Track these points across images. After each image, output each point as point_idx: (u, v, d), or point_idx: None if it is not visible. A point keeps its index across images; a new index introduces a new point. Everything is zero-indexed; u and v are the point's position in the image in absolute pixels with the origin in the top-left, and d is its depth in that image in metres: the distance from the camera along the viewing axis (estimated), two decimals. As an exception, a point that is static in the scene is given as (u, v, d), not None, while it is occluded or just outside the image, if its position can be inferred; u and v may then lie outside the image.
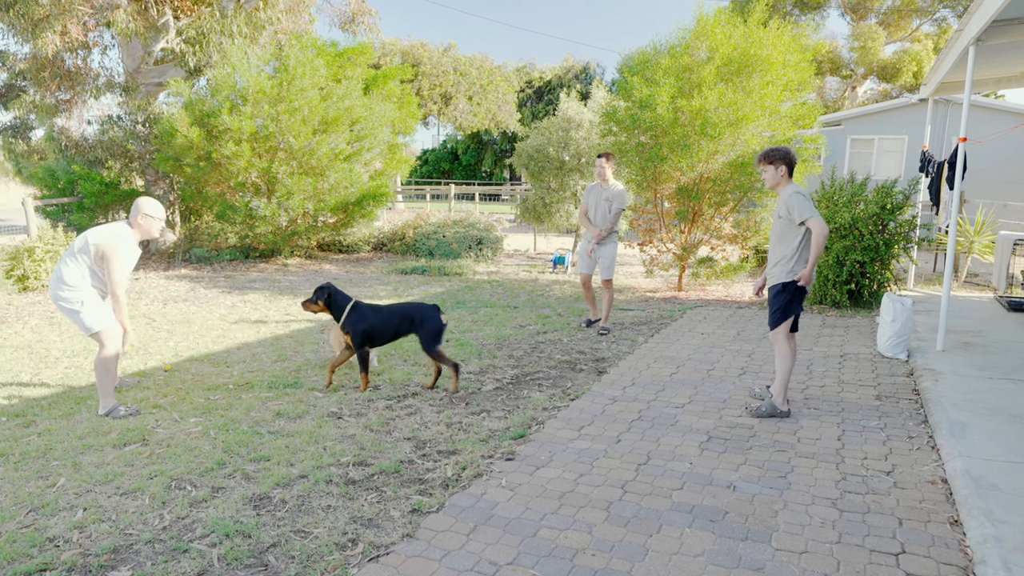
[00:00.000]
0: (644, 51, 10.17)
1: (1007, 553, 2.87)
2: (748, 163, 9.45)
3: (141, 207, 4.92)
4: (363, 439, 4.34)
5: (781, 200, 4.78)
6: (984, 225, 11.27)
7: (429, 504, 3.48)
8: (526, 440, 4.36)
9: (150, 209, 4.95)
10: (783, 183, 4.81)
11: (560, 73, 43.46)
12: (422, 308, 5.41)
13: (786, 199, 4.71)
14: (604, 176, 7.50)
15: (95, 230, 4.88)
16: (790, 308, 4.79)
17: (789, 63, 9.52)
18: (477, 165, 49.10)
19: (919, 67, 28.55)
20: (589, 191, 7.64)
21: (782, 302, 4.79)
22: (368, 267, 12.96)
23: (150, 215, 4.94)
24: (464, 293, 10.05)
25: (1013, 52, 7.28)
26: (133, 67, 13.93)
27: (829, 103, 31.95)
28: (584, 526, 3.27)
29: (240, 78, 11.76)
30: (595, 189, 7.59)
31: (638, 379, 5.72)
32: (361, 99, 12.94)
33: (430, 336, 5.28)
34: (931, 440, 4.38)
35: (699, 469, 3.93)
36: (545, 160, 13.75)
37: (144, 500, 3.51)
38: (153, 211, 4.96)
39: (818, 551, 3.06)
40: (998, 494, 3.42)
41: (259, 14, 13.68)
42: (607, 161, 7.50)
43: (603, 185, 7.54)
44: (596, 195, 7.55)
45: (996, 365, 5.83)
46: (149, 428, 4.50)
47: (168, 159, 12.19)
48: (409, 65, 17.76)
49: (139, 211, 4.91)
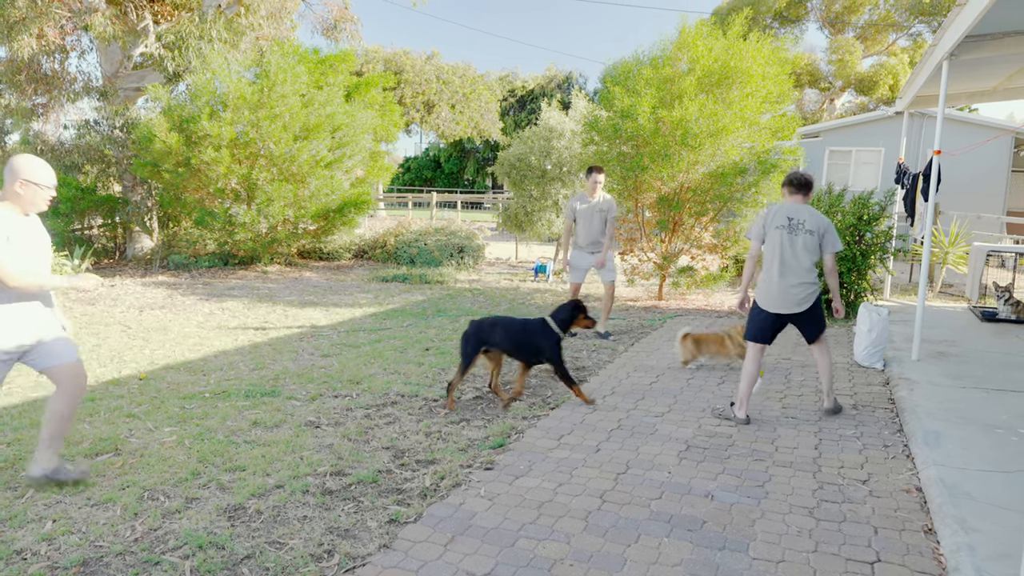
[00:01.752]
0: (627, 62, 10.25)
1: (980, 561, 2.90)
2: (728, 173, 9.53)
3: (18, 170, 3.53)
4: (341, 448, 4.30)
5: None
6: (958, 236, 11.45)
7: (407, 514, 3.45)
8: (505, 449, 4.34)
9: (30, 171, 3.54)
10: (785, 201, 5.06)
11: (543, 82, 43.66)
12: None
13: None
14: (596, 190, 7.53)
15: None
16: (751, 318, 5.03)
17: (768, 75, 9.63)
18: (459, 173, 49.12)
19: (895, 80, 29.04)
20: (577, 205, 7.60)
21: (750, 312, 5.08)
22: (349, 275, 12.89)
23: (32, 180, 3.55)
24: (445, 301, 10.03)
25: (985, 67, 7.42)
26: (111, 71, 13.79)
27: (808, 115, 32.37)
28: (562, 536, 3.26)
29: (220, 84, 11.69)
30: (583, 201, 7.59)
31: (618, 388, 5.73)
32: (343, 106, 12.90)
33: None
34: (906, 449, 4.43)
35: (678, 478, 3.94)
36: (527, 169, 13.78)
37: (115, 511, 3.45)
38: (35, 174, 3.56)
39: (795, 560, 3.07)
40: (971, 503, 3.46)
41: (240, 20, 13.60)
42: (601, 174, 7.55)
43: (591, 197, 7.56)
44: (587, 207, 7.55)
45: (970, 375, 5.91)
46: (122, 437, 4.43)
47: (146, 165, 12.07)
48: (391, 73, 17.75)
49: (16, 176, 3.52)
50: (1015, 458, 4.05)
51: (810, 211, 4.88)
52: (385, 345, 7.13)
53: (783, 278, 4.83)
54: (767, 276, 4.91)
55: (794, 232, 4.83)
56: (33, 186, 3.55)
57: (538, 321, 5.32)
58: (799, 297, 4.82)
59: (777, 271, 4.84)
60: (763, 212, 4.94)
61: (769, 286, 4.88)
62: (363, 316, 8.79)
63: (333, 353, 6.77)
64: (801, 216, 4.85)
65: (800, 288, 4.82)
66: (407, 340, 7.37)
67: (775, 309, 4.86)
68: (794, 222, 4.85)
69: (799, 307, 4.83)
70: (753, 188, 9.80)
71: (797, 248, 4.81)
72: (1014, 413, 4.89)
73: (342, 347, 7.03)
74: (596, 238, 7.59)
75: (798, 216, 4.85)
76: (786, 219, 4.86)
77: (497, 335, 5.21)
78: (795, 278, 4.81)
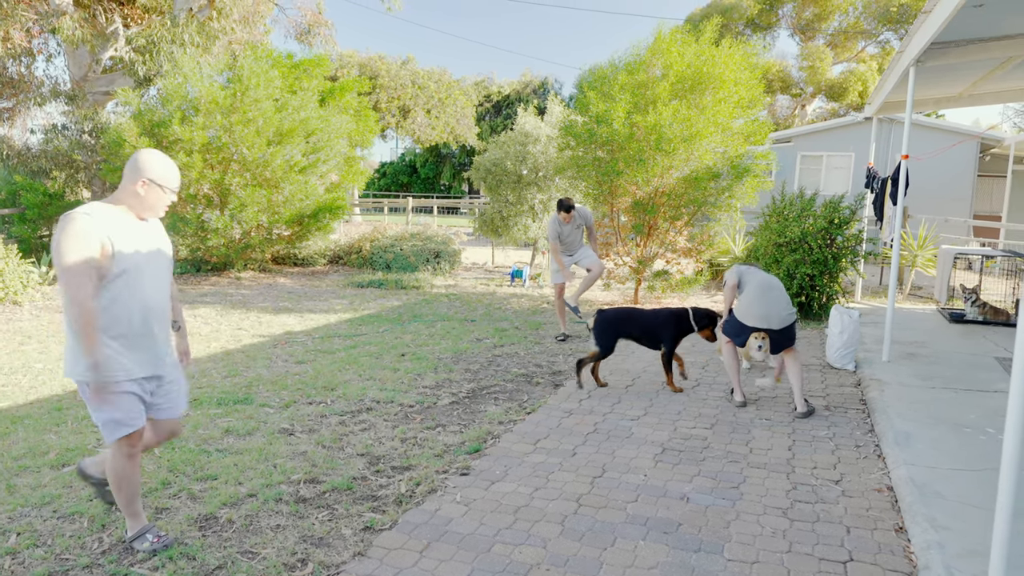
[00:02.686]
0: (602, 67, 10.31)
1: (950, 559, 2.94)
2: (702, 178, 9.62)
3: (143, 167, 2.99)
4: (315, 456, 4.25)
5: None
6: (927, 239, 11.66)
7: (382, 521, 3.42)
8: (481, 454, 4.32)
9: (158, 171, 3.01)
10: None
11: (518, 88, 43.79)
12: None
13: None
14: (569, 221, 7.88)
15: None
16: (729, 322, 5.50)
17: (740, 81, 9.74)
18: (436, 178, 49.04)
19: (864, 87, 29.56)
20: (558, 227, 7.87)
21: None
22: (324, 280, 12.79)
23: (157, 182, 3.01)
24: (421, 307, 9.98)
25: (951, 73, 7.58)
26: (80, 75, 13.56)
27: (780, 120, 32.83)
28: (538, 541, 3.25)
29: (192, 88, 11.54)
30: (562, 225, 7.88)
31: (594, 391, 5.74)
32: (317, 111, 12.81)
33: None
34: (877, 449, 4.49)
35: (653, 481, 3.95)
36: (503, 174, 13.79)
37: (83, 523, 3.37)
38: (162, 175, 3.03)
39: (769, 561, 3.09)
40: (941, 501, 3.51)
41: (212, 24, 13.47)
42: (573, 210, 7.80)
43: (566, 220, 7.84)
44: (569, 227, 7.92)
45: (939, 375, 6.01)
46: (90, 447, 4.34)
47: (116, 170, 11.86)
48: (366, 78, 17.67)
49: (139, 173, 2.98)
50: (983, 457, 4.12)
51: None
52: (360, 351, 7.07)
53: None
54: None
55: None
56: (157, 188, 3.04)
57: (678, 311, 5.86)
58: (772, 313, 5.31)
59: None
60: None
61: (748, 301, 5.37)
62: (338, 322, 8.72)
63: (308, 359, 6.70)
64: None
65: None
66: (383, 346, 7.32)
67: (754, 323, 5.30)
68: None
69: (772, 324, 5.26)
70: (726, 192, 9.90)
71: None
72: (982, 412, 4.97)
73: (317, 353, 6.96)
74: (577, 243, 8.08)
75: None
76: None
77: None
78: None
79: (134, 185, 3.00)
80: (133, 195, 3.02)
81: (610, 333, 5.76)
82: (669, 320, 5.76)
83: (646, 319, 5.86)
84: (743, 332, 5.36)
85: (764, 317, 5.20)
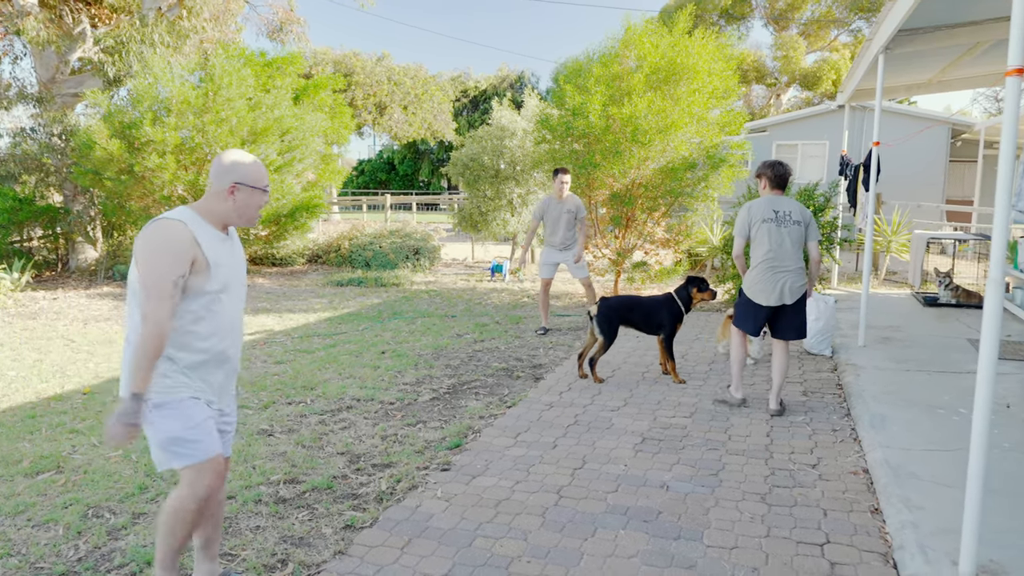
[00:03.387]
0: (577, 60, 10.31)
1: (923, 537, 2.99)
2: (678, 169, 9.66)
3: (232, 168, 2.57)
4: (294, 456, 4.22)
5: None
6: (900, 225, 11.81)
7: (362, 519, 3.41)
8: (462, 449, 4.32)
9: (251, 173, 2.60)
10: (763, 194, 5.01)
11: (495, 82, 43.69)
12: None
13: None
14: (563, 191, 7.63)
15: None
16: (740, 308, 5.08)
17: (714, 71, 9.78)
18: (414, 175, 48.85)
19: (838, 75, 29.82)
20: (544, 206, 7.75)
21: (737, 301, 5.17)
22: (303, 280, 12.70)
23: (250, 184, 2.59)
24: (401, 303, 9.95)
25: (920, 60, 7.67)
26: (47, 77, 13.32)
27: (756, 110, 33.05)
28: (520, 533, 3.25)
29: (163, 88, 11.38)
30: (551, 204, 7.73)
31: (574, 384, 5.76)
32: (291, 109, 12.68)
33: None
34: (854, 432, 4.55)
35: (633, 471, 3.97)
36: (480, 169, 13.76)
37: (58, 531, 3.33)
38: (255, 176, 2.61)
39: (748, 546, 3.12)
40: (916, 481, 3.56)
41: (183, 22, 13.28)
42: (567, 175, 7.66)
43: (559, 199, 7.66)
44: (555, 209, 7.70)
45: (913, 358, 6.10)
46: (64, 454, 4.28)
47: (87, 173, 11.69)
48: (341, 75, 17.55)
49: (229, 175, 2.56)
50: (956, 437, 4.19)
51: (793, 202, 4.89)
52: (340, 350, 7.04)
53: (775, 272, 4.79)
54: (756, 269, 4.87)
55: (782, 224, 4.80)
56: (248, 190, 2.59)
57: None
58: (792, 288, 4.81)
59: (768, 264, 4.80)
60: (744, 209, 4.92)
61: (761, 279, 4.84)
62: (317, 321, 8.67)
63: (287, 359, 6.65)
64: (786, 207, 4.84)
65: (792, 279, 4.81)
66: (363, 344, 7.29)
67: (765, 302, 4.84)
68: (780, 214, 4.81)
69: (791, 298, 4.82)
70: (703, 183, 9.95)
71: (786, 240, 4.79)
72: (955, 394, 5.06)
73: (296, 353, 6.92)
74: (566, 237, 7.77)
75: (783, 208, 4.83)
76: (772, 211, 4.82)
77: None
78: (786, 270, 4.79)
79: (224, 190, 2.56)
80: (222, 202, 2.57)
81: (614, 321, 5.82)
82: (664, 304, 5.87)
83: (644, 305, 5.93)
84: (755, 315, 4.95)
85: (773, 291, 4.81)
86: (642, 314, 5.89)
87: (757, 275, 4.86)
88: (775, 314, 4.94)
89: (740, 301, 5.06)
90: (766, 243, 4.81)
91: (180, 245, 2.44)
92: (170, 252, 2.42)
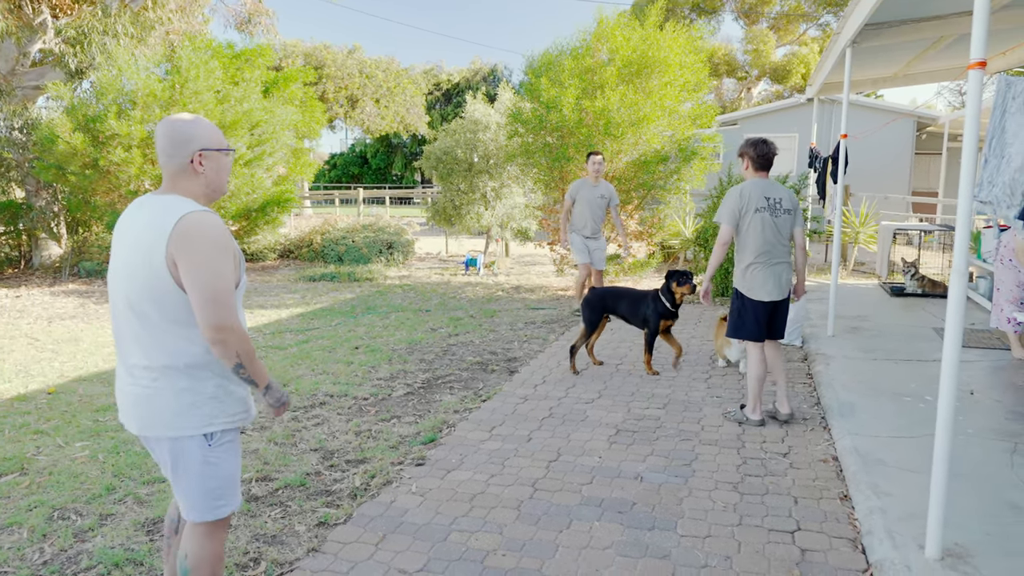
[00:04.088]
0: (548, 53, 10.30)
1: (891, 523, 3.04)
2: (650, 162, 9.71)
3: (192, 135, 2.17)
4: (266, 453, 4.17)
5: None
6: (868, 217, 12.00)
7: (336, 516, 3.38)
8: (437, 444, 4.31)
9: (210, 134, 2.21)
10: (747, 177, 4.55)
11: (468, 75, 43.50)
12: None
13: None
14: (599, 173, 7.58)
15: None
16: (742, 315, 4.53)
17: (686, 64, 9.85)
18: (387, 169, 48.47)
19: (807, 69, 30.18)
20: (578, 188, 7.64)
21: (733, 308, 4.61)
22: (274, 275, 12.55)
23: (214, 147, 2.21)
24: (375, 298, 9.88)
25: (886, 54, 7.78)
26: (7, 69, 12.96)
27: (727, 103, 33.32)
28: (495, 527, 3.25)
29: (128, 81, 11.14)
30: (585, 186, 7.62)
31: (549, 377, 5.77)
32: (261, 102, 12.50)
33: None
34: (823, 421, 4.62)
35: (608, 462, 3.99)
36: (453, 162, 13.70)
37: (22, 534, 3.25)
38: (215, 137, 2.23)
39: (720, 534, 3.15)
40: (883, 468, 3.63)
41: (147, 13, 13.00)
42: (600, 156, 7.60)
43: (593, 183, 7.60)
44: (588, 192, 7.59)
45: (881, 347, 6.21)
46: (29, 455, 4.18)
47: (50, 167, 11.41)
48: (312, 68, 17.29)
49: (190, 144, 2.16)
50: (922, 423, 4.27)
51: (781, 187, 4.52)
52: (313, 345, 6.97)
53: (771, 264, 4.42)
54: (754, 264, 4.42)
55: (775, 213, 4.40)
56: (215, 155, 2.21)
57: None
58: (787, 281, 4.50)
59: (766, 257, 4.40)
60: (732, 195, 4.44)
61: (761, 274, 4.42)
62: (290, 317, 8.57)
63: (258, 356, 6.56)
64: (777, 195, 4.44)
65: (786, 271, 4.49)
66: (336, 339, 7.23)
67: (769, 297, 4.43)
68: (772, 201, 4.41)
69: (784, 293, 4.49)
70: (675, 175, 10.02)
71: (779, 230, 4.41)
72: (921, 381, 5.16)
73: (268, 349, 6.84)
74: (595, 226, 7.66)
75: (775, 195, 4.43)
76: (764, 199, 4.40)
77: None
78: (781, 262, 4.45)
79: (189, 164, 2.17)
80: (192, 177, 2.19)
81: (596, 308, 5.88)
82: (651, 299, 5.79)
83: (632, 297, 5.92)
84: (757, 315, 4.44)
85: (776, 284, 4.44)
86: (628, 305, 5.88)
87: (755, 271, 4.43)
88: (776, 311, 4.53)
89: (737, 306, 4.54)
90: (760, 235, 4.38)
91: (230, 240, 2.13)
92: (228, 249, 2.10)
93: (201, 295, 2.01)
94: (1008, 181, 3.37)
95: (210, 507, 2.21)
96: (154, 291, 2.06)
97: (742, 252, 4.49)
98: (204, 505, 2.20)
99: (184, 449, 2.16)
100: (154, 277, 2.05)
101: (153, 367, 2.11)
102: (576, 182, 7.75)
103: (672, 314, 5.73)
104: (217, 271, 2.04)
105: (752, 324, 4.48)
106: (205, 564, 2.24)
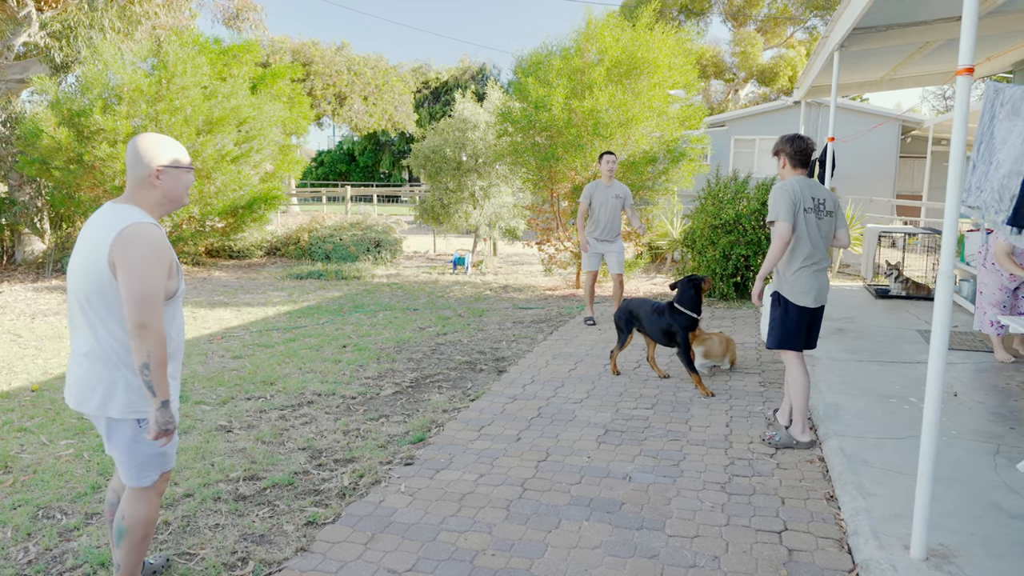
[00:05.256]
0: (537, 52, 10.31)
1: (876, 523, 3.08)
2: (639, 162, 9.75)
3: (152, 153, 2.47)
4: (254, 452, 4.15)
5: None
6: (853, 219, 12.11)
7: (325, 515, 3.37)
8: (426, 444, 4.31)
9: (170, 152, 2.51)
10: (785, 176, 4.28)
11: (457, 74, 43.44)
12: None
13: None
14: (612, 173, 7.57)
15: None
16: (785, 323, 4.24)
17: (674, 65, 9.89)
18: (375, 166, 48.31)
19: (794, 71, 30.40)
20: (592, 190, 7.60)
21: (775, 315, 4.29)
22: (261, 273, 12.48)
23: (174, 164, 2.52)
24: (363, 297, 9.85)
25: (873, 58, 7.86)
26: (-10, 62, 12.79)
27: (715, 105, 33.49)
28: (484, 527, 3.26)
29: (114, 75, 11.03)
30: (599, 188, 7.60)
31: (537, 376, 5.78)
32: (248, 98, 12.42)
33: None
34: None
35: (596, 462, 4.00)
36: (442, 161, 13.68)
37: (6, 533, 3.22)
38: (176, 154, 2.53)
39: (708, 534, 3.17)
40: (869, 469, 3.67)
41: (134, 7, 12.88)
42: (613, 155, 7.58)
43: (606, 184, 7.59)
44: (602, 193, 7.57)
45: (866, 349, 6.27)
46: (12, 454, 4.13)
47: (33, 162, 11.28)
48: (300, 64, 17.24)
49: (150, 161, 2.46)
50: (907, 425, 4.32)
51: (823, 187, 4.24)
52: (300, 344, 6.94)
53: (819, 269, 4.17)
54: (803, 268, 4.14)
55: (819, 215, 4.14)
56: (174, 172, 2.51)
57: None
58: (825, 288, 4.23)
59: (815, 260, 4.14)
60: (786, 190, 4.09)
61: (808, 279, 4.14)
62: (277, 315, 8.53)
63: (245, 354, 6.53)
64: (821, 195, 4.17)
65: (826, 277, 4.24)
66: (323, 338, 7.20)
67: (815, 304, 4.18)
68: (817, 202, 4.14)
69: (825, 300, 4.24)
70: (663, 176, 10.06)
71: (823, 233, 4.16)
72: (906, 383, 5.21)
73: (255, 347, 6.80)
74: (611, 228, 7.66)
75: (819, 195, 4.16)
76: (812, 200, 4.12)
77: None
78: (824, 268, 4.21)
79: (148, 177, 2.47)
80: (150, 190, 2.49)
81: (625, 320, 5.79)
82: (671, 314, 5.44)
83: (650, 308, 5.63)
84: (800, 324, 4.18)
85: (822, 290, 4.19)
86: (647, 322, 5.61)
87: (802, 275, 4.14)
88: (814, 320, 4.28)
89: (779, 314, 4.23)
90: (808, 237, 4.11)
91: (166, 251, 2.42)
92: (159, 257, 2.38)
93: (130, 294, 2.32)
94: (997, 187, 3.41)
95: (139, 476, 2.54)
96: (99, 287, 2.39)
97: (790, 254, 4.18)
98: (134, 474, 2.54)
99: (116, 428, 2.49)
100: (99, 275, 2.38)
101: (90, 353, 2.44)
102: (590, 184, 7.71)
103: (696, 322, 5.42)
104: (146, 275, 2.33)
105: (797, 332, 4.20)
106: (139, 525, 2.57)
